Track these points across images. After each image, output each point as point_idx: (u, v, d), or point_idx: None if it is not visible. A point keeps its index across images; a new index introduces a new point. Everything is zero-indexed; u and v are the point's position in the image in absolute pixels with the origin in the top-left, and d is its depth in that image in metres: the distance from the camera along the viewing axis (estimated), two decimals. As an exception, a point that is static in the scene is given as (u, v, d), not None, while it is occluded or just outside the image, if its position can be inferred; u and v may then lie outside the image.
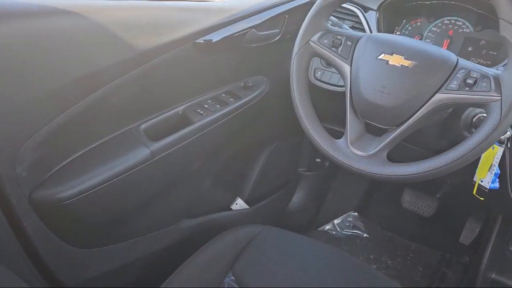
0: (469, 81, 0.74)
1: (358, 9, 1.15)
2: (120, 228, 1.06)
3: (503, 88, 0.71)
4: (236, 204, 1.40)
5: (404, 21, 1.15)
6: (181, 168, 1.09)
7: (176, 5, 1.05)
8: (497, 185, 0.88)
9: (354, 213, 1.77)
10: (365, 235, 1.71)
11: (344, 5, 1.15)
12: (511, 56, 0.71)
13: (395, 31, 1.16)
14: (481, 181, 0.89)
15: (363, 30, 1.12)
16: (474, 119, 0.89)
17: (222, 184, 1.34)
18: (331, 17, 1.06)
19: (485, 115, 0.73)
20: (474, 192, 0.91)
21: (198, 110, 1.08)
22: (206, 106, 1.10)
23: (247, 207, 1.41)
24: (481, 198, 0.91)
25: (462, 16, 1.07)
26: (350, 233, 1.72)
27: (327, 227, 1.74)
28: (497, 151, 0.86)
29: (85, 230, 0.98)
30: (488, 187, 0.88)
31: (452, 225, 1.52)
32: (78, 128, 0.91)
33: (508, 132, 0.84)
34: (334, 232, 1.73)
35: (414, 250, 1.63)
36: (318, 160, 1.65)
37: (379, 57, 0.81)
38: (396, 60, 0.80)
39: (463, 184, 0.99)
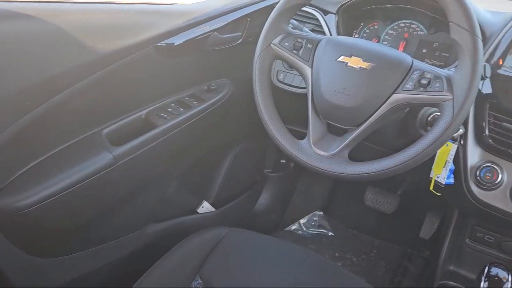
0: (423, 81, 0.77)
1: (318, 12, 1.18)
2: (84, 235, 1.03)
3: (454, 88, 0.74)
4: (203, 207, 1.40)
5: (362, 24, 1.19)
6: (145, 172, 1.08)
7: (136, 8, 1.04)
8: (452, 180, 0.93)
9: (320, 213, 1.81)
10: (330, 233, 1.74)
11: (304, 8, 1.17)
12: (461, 57, 0.75)
13: (354, 33, 1.19)
14: (437, 177, 0.93)
15: (324, 33, 1.15)
16: (429, 118, 0.93)
17: (188, 188, 1.34)
18: (292, 20, 1.08)
19: (439, 114, 0.76)
20: (431, 188, 0.95)
21: (162, 114, 1.08)
22: (169, 109, 1.10)
23: (214, 209, 1.41)
24: (438, 194, 0.95)
25: (416, 20, 1.11)
26: (316, 232, 1.75)
27: (294, 227, 1.77)
28: (451, 148, 0.91)
29: (47, 238, 0.95)
30: (444, 183, 0.93)
31: (412, 221, 1.58)
32: (38, 134, 0.88)
33: (461, 130, 0.89)
34: (300, 232, 1.75)
35: (378, 246, 1.68)
36: (283, 161, 1.67)
37: (338, 59, 0.84)
38: (354, 62, 0.82)
39: (421, 180, 1.03)
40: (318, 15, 1.17)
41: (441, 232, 1.34)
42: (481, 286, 0.89)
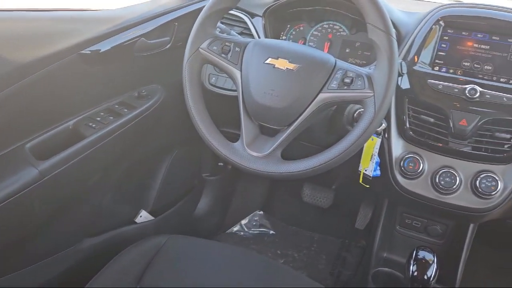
0: (347, 80, 0.81)
1: (245, 15, 1.20)
2: (14, 256, 0.97)
3: (375, 85, 0.79)
4: (141, 216, 1.36)
5: (289, 26, 1.22)
6: (76, 185, 1.04)
7: (58, 15, 0.99)
8: (378, 172, 0.98)
9: (260, 212, 1.83)
10: (271, 232, 1.77)
11: (232, 11, 1.19)
12: (379, 56, 0.80)
13: (281, 35, 1.23)
14: (365, 170, 0.98)
15: (252, 35, 1.17)
16: (355, 114, 0.98)
17: (124, 197, 1.30)
18: (219, 24, 1.09)
19: (363, 110, 0.80)
20: (361, 181, 1.00)
21: (90, 124, 1.04)
22: (98, 119, 1.06)
23: (152, 218, 1.39)
24: (367, 186, 1.00)
25: (338, 21, 1.17)
26: (258, 232, 1.77)
27: (235, 228, 1.78)
28: (376, 142, 0.96)
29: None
30: (371, 175, 0.98)
31: (348, 213, 1.64)
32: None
33: (383, 124, 0.94)
34: (242, 233, 1.76)
35: (317, 240, 1.73)
36: (220, 164, 1.67)
37: (266, 62, 0.86)
38: (281, 63, 0.84)
39: (352, 174, 1.08)
40: (245, 18, 1.19)
41: (374, 221, 1.41)
42: (411, 269, 0.96)
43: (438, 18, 1.01)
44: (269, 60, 0.86)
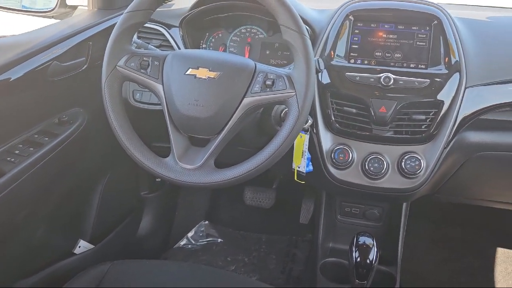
0: (268, 82, 0.82)
1: (162, 27, 1.18)
2: None
3: (295, 84, 0.81)
4: (79, 246, 1.30)
5: (207, 34, 1.22)
6: (1, 225, 0.97)
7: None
8: (311, 168, 1.01)
9: (205, 222, 1.81)
10: (219, 240, 1.76)
11: (148, 24, 1.16)
12: (295, 56, 0.82)
13: (201, 44, 1.22)
14: (299, 167, 1.00)
15: (172, 47, 1.16)
16: (282, 114, 1.00)
17: (59, 229, 1.23)
18: (135, 39, 1.07)
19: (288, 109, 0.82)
20: (295, 178, 1.02)
21: (9, 158, 0.97)
22: (17, 152, 0.99)
23: (93, 246, 1.33)
24: (302, 182, 1.02)
25: (255, 24, 1.19)
26: (205, 242, 1.75)
27: (182, 243, 1.75)
28: (305, 139, 0.99)
29: None
30: (305, 171, 1.00)
31: (292, 210, 1.67)
32: None
33: (310, 121, 0.97)
34: (190, 246, 1.74)
35: (265, 241, 1.75)
36: (158, 180, 1.63)
37: (187, 73, 0.85)
38: (202, 73, 0.84)
39: (289, 172, 1.10)
40: (162, 30, 1.18)
41: (317, 214, 1.45)
42: (353, 256, 0.99)
43: (348, 13, 1.06)
44: (189, 71, 0.85)
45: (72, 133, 1.09)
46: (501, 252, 1.65)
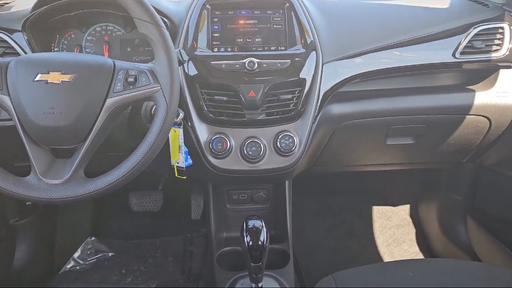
0: (130, 79, 0.78)
1: (3, 33, 1.05)
2: None
3: (159, 78, 0.78)
4: None
5: (58, 36, 1.12)
6: None
7: None
8: (190, 161, 0.99)
9: (92, 238, 1.69)
10: (110, 254, 1.66)
11: (-16, 31, 1.03)
12: (155, 49, 0.79)
13: (53, 48, 1.12)
14: (177, 163, 0.98)
15: (18, 54, 1.04)
16: (152, 111, 0.96)
17: None
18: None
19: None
20: (176, 174, 0.99)
21: None
22: None
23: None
24: (184, 177, 1.00)
25: (110, 21, 1.12)
26: (95, 260, 1.64)
27: (69, 265, 1.61)
28: (179, 133, 0.96)
29: None
30: (184, 166, 0.98)
31: (182, 207, 1.64)
32: None
33: (181, 114, 0.95)
34: (78, 267, 1.60)
35: (160, 245, 1.70)
36: (28, 203, 1.47)
37: (36, 79, 0.77)
38: (54, 77, 0.77)
39: (170, 170, 1.07)
40: (3, 36, 1.05)
41: (207, 207, 1.44)
42: (245, 240, 1.00)
43: (204, 3, 1.05)
44: (39, 77, 0.77)
45: None
46: (376, 210, 1.83)
